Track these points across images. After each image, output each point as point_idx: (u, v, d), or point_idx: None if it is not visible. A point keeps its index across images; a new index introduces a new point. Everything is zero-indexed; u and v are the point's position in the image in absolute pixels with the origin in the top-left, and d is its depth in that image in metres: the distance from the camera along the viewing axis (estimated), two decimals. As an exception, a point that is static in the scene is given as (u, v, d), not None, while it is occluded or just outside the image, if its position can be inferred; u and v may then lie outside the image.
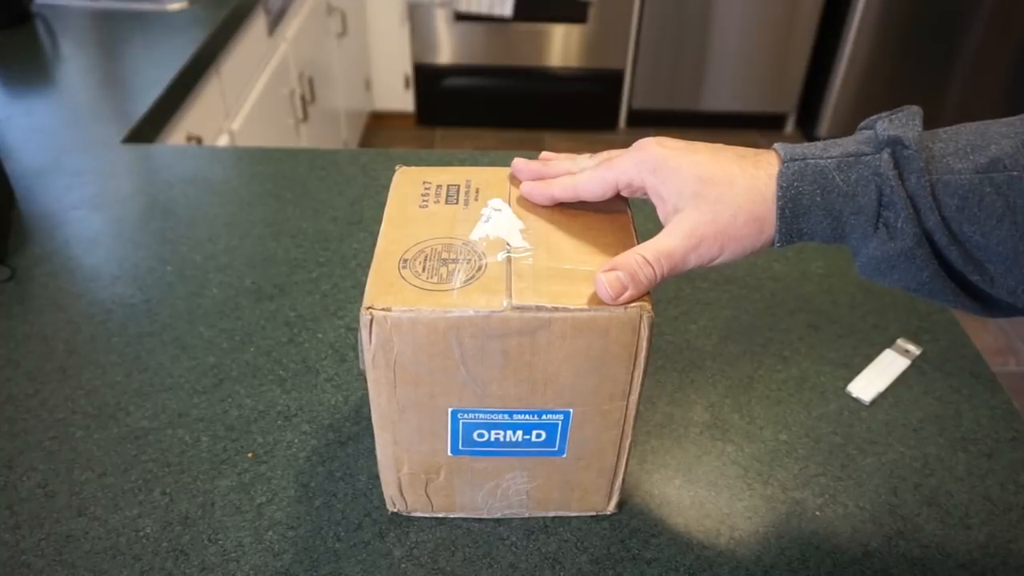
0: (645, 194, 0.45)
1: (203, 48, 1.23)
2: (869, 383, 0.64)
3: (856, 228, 0.40)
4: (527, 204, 0.48)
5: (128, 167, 0.92)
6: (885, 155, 0.39)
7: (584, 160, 0.48)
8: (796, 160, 0.41)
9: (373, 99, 2.84)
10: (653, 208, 0.45)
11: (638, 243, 0.46)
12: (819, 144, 0.42)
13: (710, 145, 0.44)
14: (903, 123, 0.40)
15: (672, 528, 0.53)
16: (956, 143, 0.39)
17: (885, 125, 0.40)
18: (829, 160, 0.40)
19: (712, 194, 0.41)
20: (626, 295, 0.40)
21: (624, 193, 0.46)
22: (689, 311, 0.72)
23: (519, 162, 0.50)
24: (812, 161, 0.41)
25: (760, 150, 0.44)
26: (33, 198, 0.86)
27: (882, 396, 0.63)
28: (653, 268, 0.41)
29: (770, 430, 0.61)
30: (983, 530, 0.54)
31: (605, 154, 0.48)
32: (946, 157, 0.38)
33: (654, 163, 0.43)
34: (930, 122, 0.40)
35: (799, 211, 0.40)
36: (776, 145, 0.43)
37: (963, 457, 0.59)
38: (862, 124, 0.43)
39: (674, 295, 0.73)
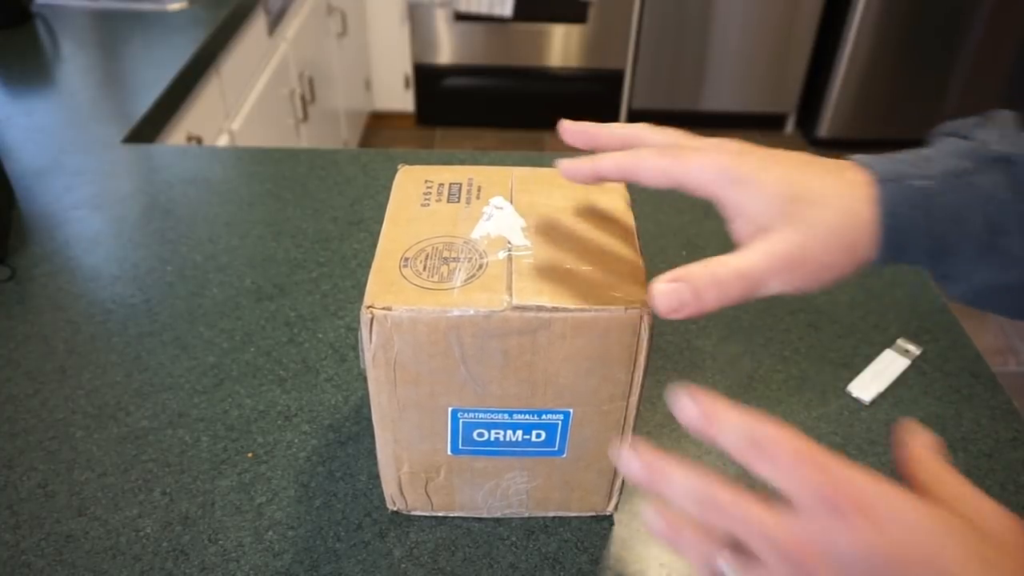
0: (711, 199, 0.39)
1: (203, 48, 1.23)
2: (869, 383, 0.64)
3: (962, 255, 0.36)
4: (529, 202, 0.48)
5: (128, 167, 0.92)
6: (997, 176, 0.35)
7: (646, 132, 0.42)
8: (892, 180, 0.36)
9: (373, 99, 2.84)
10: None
11: (640, 242, 0.46)
12: (907, 157, 0.37)
13: (793, 155, 0.39)
14: (1009, 137, 0.36)
15: (672, 528, 0.53)
16: None
17: (990, 138, 0.36)
18: (930, 181, 0.36)
19: (804, 215, 0.36)
20: (684, 312, 0.35)
21: (685, 191, 0.40)
22: (689, 311, 0.72)
23: (566, 124, 0.43)
24: (912, 183, 0.36)
25: (841, 162, 0.39)
26: (33, 198, 0.86)
27: (882, 396, 0.63)
28: (726, 289, 0.36)
29: (770, 430, 0.60)
30: (983, 530, 0.54)
31: (674, 135, 0.42)
32: None
33: (736, 175, 0.38)
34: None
35: (902, 240, 0.36)
36: (857, 158, 0.38)
37: (963, 457, 0.59)
38: (942, 129, 0.39)
39: (674, 295, 0.73)
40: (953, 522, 0.28)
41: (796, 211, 0.36)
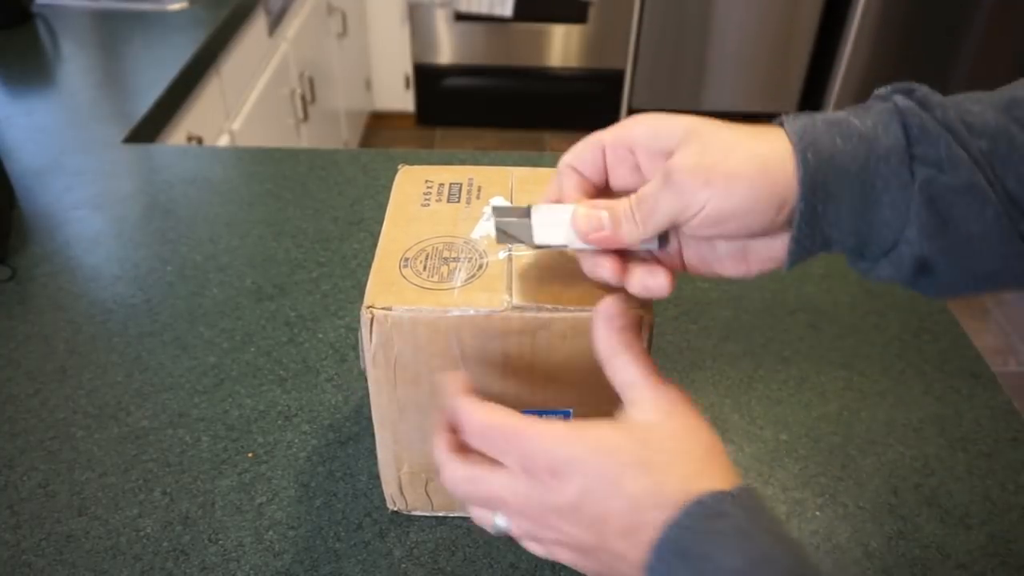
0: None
1: (203, 48, 1.23)
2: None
3: (889, 180, 0.34)
4: (528, 202, 0.48)
5: (128, 167, 0.92)
6: (899, 98, 0.36)
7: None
8: (800, 118, 0.37)
9: (373, 99, 2.84)
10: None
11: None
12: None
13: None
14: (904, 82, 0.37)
15: (672, 528, 0.53)
16: (961, 96, 0.36)
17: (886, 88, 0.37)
18: (838, 113, 0.37)
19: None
20: (601, 236, 0.38)
21: None
22: (689, 311, 0.72)
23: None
24: (820, 115, 0.37)
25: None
26: (33, 198, 0.86)
27: (882, 396, 0.63)
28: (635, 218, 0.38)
29: (770, 430, 0.61)
30: (983, 530, 0.54)
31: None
32: (962, 103, 0.36)
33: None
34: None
35: (821, 163, 0.35)
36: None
37: (963, 457, 0.59)
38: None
39: (674, 295, 0.73)
40: (619, 447, 0.34)
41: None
